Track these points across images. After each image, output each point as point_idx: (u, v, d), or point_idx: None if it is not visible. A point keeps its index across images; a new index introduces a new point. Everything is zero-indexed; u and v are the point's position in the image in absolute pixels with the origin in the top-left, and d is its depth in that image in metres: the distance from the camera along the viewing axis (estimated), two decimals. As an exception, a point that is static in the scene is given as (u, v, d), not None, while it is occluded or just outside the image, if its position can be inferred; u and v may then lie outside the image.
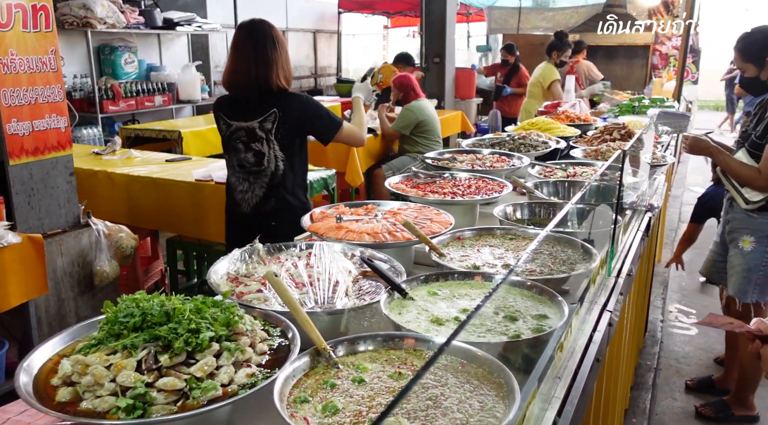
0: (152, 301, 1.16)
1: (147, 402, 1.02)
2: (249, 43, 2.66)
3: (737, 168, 2.81)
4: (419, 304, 1.48)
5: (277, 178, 2.74)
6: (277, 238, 2.27)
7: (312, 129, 2.78)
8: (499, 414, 1.05)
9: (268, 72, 2.64)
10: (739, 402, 3.09)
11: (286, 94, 2.72)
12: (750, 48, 2.77)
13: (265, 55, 2.64)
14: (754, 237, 2.85)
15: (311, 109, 2.74)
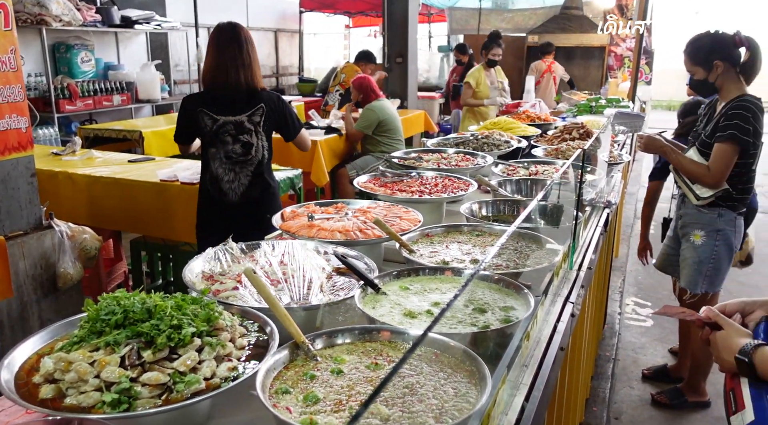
0: (133, 299, 1.18)
1: (132, 397, 1.04)
2: (234, 45, 2.87)
3: (688, 165, 2.95)
4: (392, 299, 1.53)
5: (262, 165, 3.00)
6: (263, 220, 2.68)
7: (283, 125, 3.05)
8: (472, 399, 1.10)
9: (252, 72, 2.90)
10: (692, 388, 3.25)
11: (266, 91, 3.00)
12: (698, 52, 2.90)
13: (249, 56, 2.90)
14: (704, 231, 3.00)
15: (287, 108, 3.04)
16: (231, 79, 2.87)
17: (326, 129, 5.64)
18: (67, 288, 3.04)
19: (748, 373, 1.27)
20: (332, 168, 5.57)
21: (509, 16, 11.96)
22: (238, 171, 2.93)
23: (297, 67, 13.60)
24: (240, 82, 2.87)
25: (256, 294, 1.51)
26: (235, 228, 2.74)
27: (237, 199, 2.96)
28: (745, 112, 2.74)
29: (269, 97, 2.96)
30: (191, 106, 2.93)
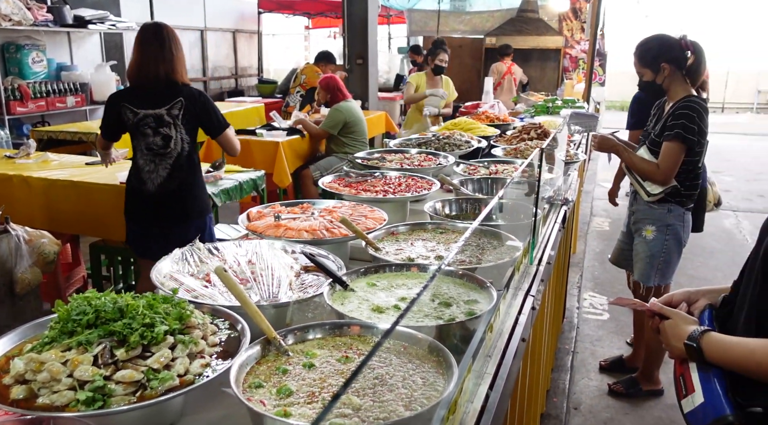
0: (104, 299, 1.19)
1: (106, 394, 1.05)
2: (156, 42, 3.01)
3: (639, 163, 3.08)
4: (360, 295, 1.57)
5: (181, 158, 3.07)
6: (180, 212, 3.07)
7: (206, 120, 3.14)
8: (440, 388, 1.15)
9: (173, 67, 3.02)
10: (646, 378, 3.38)
11: (188, 87, 3.10)
12: (647, 54, 3.03)
13: (171, 52, 3.03)
14: (655, 226, 3.13)
15: (208, 104, 3.15)
16: (151, 74, 2.99)
17: (288, 130, 5.64)
18: (25, 293, 2.98)
19: (696, 358, 1.35)
20: (295, 169, 5.57)
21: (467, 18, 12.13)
22: (158, 162, 3.04)
23: (256, 68, 13.50)
24: (160, 76, 2.99)
25: (225, 293, 1.53)
26: (153, 218, 3.12)
27: (155, 189, 3.06)
28: (690, 112, 2.88)
29: (189, 92, 3.06)
30: (115, 101, 3.06)
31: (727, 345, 1.30)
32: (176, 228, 3.12)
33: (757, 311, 1.29)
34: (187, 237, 3.08)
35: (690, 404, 1.35)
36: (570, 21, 11.21)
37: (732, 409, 1.24)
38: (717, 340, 1.32)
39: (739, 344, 1.28)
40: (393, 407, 1.08)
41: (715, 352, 1.31)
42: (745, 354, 1.25)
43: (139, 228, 3.19)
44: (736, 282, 1.49)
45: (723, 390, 1.28)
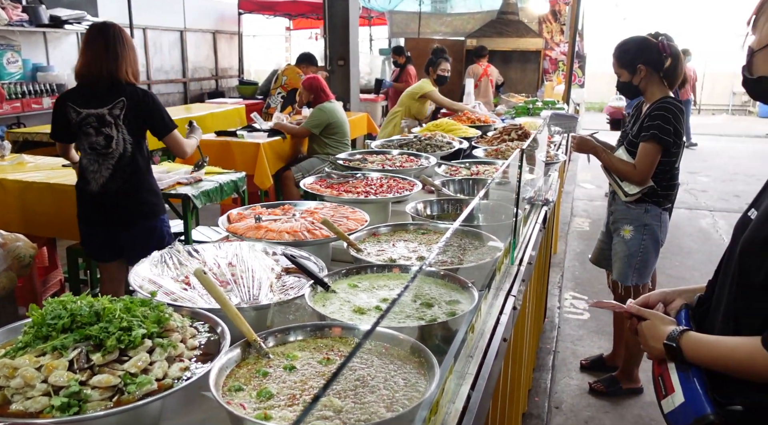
0: (80, 302, 1.17)
1: (82, 400, 1.03)
2: (100, 41, 2.98)
3: (616, 164, 3.12)
4: (341, 296, 1.56)
5: (124, 159, 3.04)
6: (125, 214, 3.07)
7: (150, 121, 3.10)
8: (421, 389, 1.15)
9: (117, 66, 2.98)
10: (626, 376, 3.41)
11: (133, 86, 3.05)
12: (624, 56, 3.07)
13: (115, 51, 2.98)
14: (632, 226, 3.17)
15: (153, 104, 3.10)
16: (94, 73, 2.97)
17: (269, 131, 5.61)
18: (3, 296, 2.92)
19: (676, 357, 1.36)
20: (276, 171, 5.54)
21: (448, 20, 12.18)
22: (101, 162, 3.01)
23: (237, 69, 13.42)
24: (102, 75, 2.96)
25: (205, 295, 1.51)
26: (98, 220, 3.13)
27: (98, 189, 3.04)
28: (666, 113, 2.92)
29: (133, 92, 3.01)
30: (61, 101, 3.04)
31: (706, 344, 1.31)
32: (123, 230, 3.09)
33: (735, 310, 1.30)
34: (136, 239, 3.11)
35: (670, 404, 1.36)
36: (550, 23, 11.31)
37: (713, 408, 1.26)
38: (696, 339, 1.33)
39: (718, 342, 1.29)
40: (374, 408, 1.07)
41: (694, 351, 1.33)
42: (726, 352, 1.26)
43: (87, 230, 3.18)
44: (711, 281, 1.51)
45: (703, 390, 1.30)
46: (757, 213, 1.31)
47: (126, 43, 3.03)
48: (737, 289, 1.29)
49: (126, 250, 3.15)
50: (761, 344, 1.18)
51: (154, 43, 10.61)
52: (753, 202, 1.38)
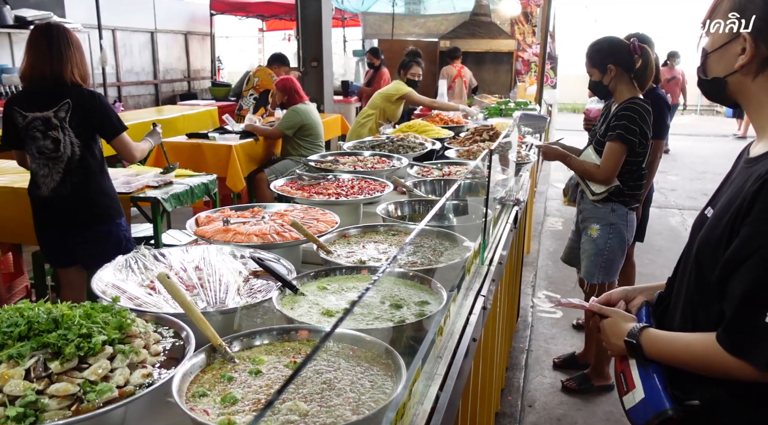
0: (37, 309, 1.14)
1: (39, 409, 1.00)
2: (44, 42, 2.91)
3: (582, 165, 3.16)
4: (310, 299, 1.55)
5: (73, 162, 2.97)
6: (77, 218, 3.01)
7: (97, 123, 3.01)
8: (388, 391, 1.14)
9: (62, 67, 2.91)
10: (598, 374, 3.46)
11: (80, 88, 2.97)
12: (595, 55, 3.11)
13: (60, 52, 2.91)
14: (599, 225, 3.21)
15: (100, 105, 3.00)
16: (38, 75, 2.92)
17: (241, 133, 5.56)
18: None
19: (636, 354, 1.37)
20: (249, 173, 5.49)
21: (422, 22, 12.22)
22: (51, 167, 2.95)
23: (209, 70, 13.28)
24: (46, 77, 2.90)
25: (170, 300, 1.49)
26: (51, 224, 3.08)
27: (49, 193, 2.99)
28: (632, 113, 2.96)
29: (79, 94, 2.94)
30: (8, 106, 2.96)
31: (665, 341, 1.33)
32: (76, 234, 3.04)
33: (693, 307, 1.32)
34: (90, 244, 3.06)
35: (631, 400, 1.38)
36: (522, 25, 11.41)
37: (672, 404, 1.27)
38: (655, 336, 1.35)
39: (676, 339, 1.32)
40: (340, 411, 1.07)
41: (654, 348, 1.34)
42: (683, 348, 1.29)
43: (42, 235, 3.12)
44: (670, 279, 1.53)
45: (662, 386, 1.31)
46: (712, 210, 1.33)
47: (72, 43, 2.96)
48: (694, 287, 1.31)
49: (80, 255, 3.09)
50: (716, 340, 1.20)
51: (124, 44, 10.45)
52: (710, 200, 1.41)
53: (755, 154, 1.29)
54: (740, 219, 1.18)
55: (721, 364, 1.20)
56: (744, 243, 1.16)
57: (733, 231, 1.20)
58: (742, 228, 1.18)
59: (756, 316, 1.14)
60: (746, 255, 1.15)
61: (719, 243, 1.22)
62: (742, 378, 1.20)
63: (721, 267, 1.20)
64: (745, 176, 1.26)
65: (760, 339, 1.14)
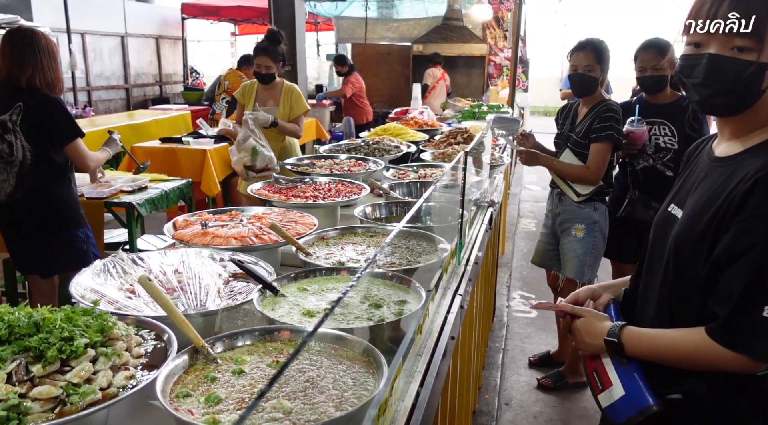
0: (18, 313, 1.13)
1: (21, 412, 1.00)
2: (8, 46, 2.92)
3: (568, 169, 3.20)
4: (290, 300, 1.57)
5: (25, 167, 2.93)
6: (32, 225, 2.99)
7: (50, 128, 2.95)
8: (370, 387, 1.17)
9: (20, 72, 2.89)
10: (572, 371, 3.52)
11: (37, 92, 2.93)
12: (605, 53, 3.14)
13: (21, 57, 2.90)
14: (584, 224, 3.27)
15: (53, 110, 2.93)
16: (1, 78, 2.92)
17: (216, 138, 5.53)
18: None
19: (617, 352, 1.39)
20: (224, 177, 5.46)
21: (395, 26, 12.29)
22: (8, 171, 2.93)
23: (182, 75, 13.17)
24: (2, 80, 2.91)
25: (150, 303, 1.49)
26: (7, 230, 3.06)
27: (5, 198, 2.96)
28: (615, 114, 3.05)
29: (34, 98, 2.91)
30: None
31: (647, 338, 1.36)
32: (30, 241, 3.01)
33: (670, 303, 1.36)
34: (46, 252, 3.00)
35: (609, 398, 1.40)
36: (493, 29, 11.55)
37: (655, 399, 1.31)
38: (636, 333, 1.38)
39: (658, 335, 1.35)
40: (324, 408, 1.09)
41: (635, 345, 1.37)
42: (669, 344, 1.31)
43: (5, 241, 3.10)
44: (634, 276, 1.57)
45: (643, 382, 1.34)
46: (679, 208, 1.37)
47: (39, 48, 2.92)
48: (671, 283, 1.35)
49: (34, 263, 3.05)
50: (706, 334, 1.24)
51: (93, 48, 10.31)
52: (672, 198, 1.45)
53: (724, 154, 1.34)
54: (729, 216, 1.21)
55: (711, 358, 1.23)
56: (738, 239, 1.19)
57: (720, 228, 1.23)
58: (732, 226, 1.21)
59: (754, 310, 1.17)
60: (741, 251, 1.18)
61: (701, 240, 1.25)
62: (734, 370, 1.23)
63: (711, 263, 1.23)
64: (720, 175, 1.29)
65: (758, 331, 1.17)
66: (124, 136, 7.04)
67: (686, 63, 1.29)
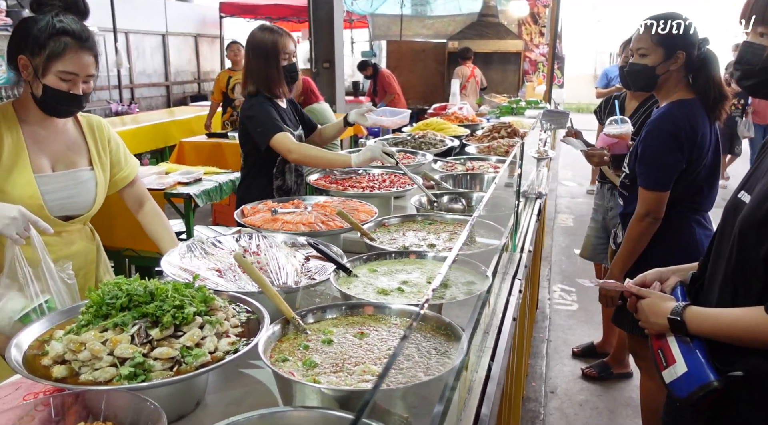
0: (134, 283, 1.25)
1: (146, 370, 1.12)
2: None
3: None
4: (363, 280, 1.66)
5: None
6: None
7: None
8: (452, 356, 1.26)
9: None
10: (618, 362, 3.56)
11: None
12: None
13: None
14: None
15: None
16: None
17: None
18: None
19: (680, 330, 1.46)
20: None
21: (429, 23, 12.35)
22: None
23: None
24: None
25: (235, 282, 1.61)
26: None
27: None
28: None
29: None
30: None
31: (709, 316, 1.42)
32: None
33: (734, 284, 1.42)
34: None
35: (672, 374, 1.46)
36: (529, 25, 11.53)
37: (716, 375, 1.36)
38: (698, 312, 1.44)
39: (721, 314, 1.41)
40: (413, 373, 1.18)
41: (698, 323, 1.43)
42: (730, 322, 1.37)
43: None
44: (703, 260, 1.63)
45: (705, 359, 1.40)
46: (748, 194, 1.43)
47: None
48: (736, 265, 1.40)
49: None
50: (765, 312, 1.30)
51: (136, 47, 10.61)
52: (742, 185, 1.51)
53: None
54: None
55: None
56: None
57: None
58: None
59: None
60: None
61: (764, 224, 1.32)
62: None
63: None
64: None
65: None
66: (170, 132, 7.28)
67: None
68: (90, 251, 2.05)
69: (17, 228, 1.59)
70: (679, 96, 2.36)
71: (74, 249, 1.96)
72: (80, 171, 1.96)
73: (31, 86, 1.80)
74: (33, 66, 1.77)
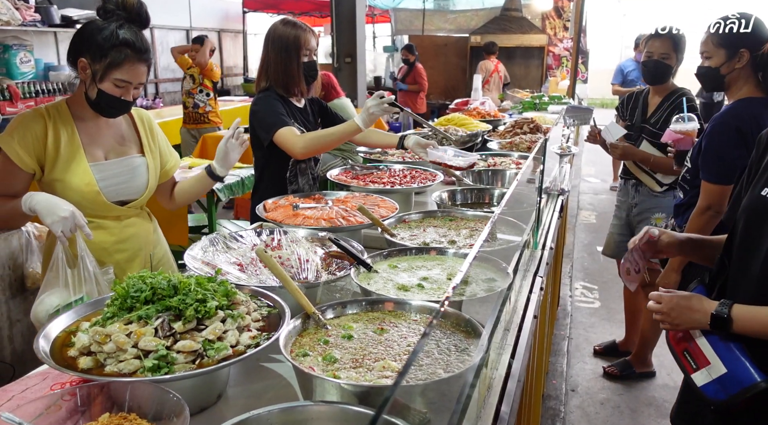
0: (158, 277, 1.27)
1: (169, 362, 1.14)
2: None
3: (659, 160, 3.15)
4: (383, 276, 1.67)
5: None
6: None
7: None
8: (472, 353, 1.25)
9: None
10: (640, 361, 3.52)
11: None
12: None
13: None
14: (664, 214, 3.25)
15: None
16: None
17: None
18: (36, 288, 3.02)
19: (723, 328, 1.37)
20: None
21: (452, 17, 12.27)
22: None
23: (242, 67, 13.51)
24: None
25: (256, 276, 1.62)
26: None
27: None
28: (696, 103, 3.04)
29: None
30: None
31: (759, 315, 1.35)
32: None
33: None
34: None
35: (706, 377, 1.40)
36: (553, 20, 11.40)
37: (762, 376, 1.31)
38: (749, 309, 1.37)
39: None
40: (432, 369, 1.18)
41: (747, 320, 1.35)
42: None
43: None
44: (720, 262, 1.56)
45: (747, 360, 1.34)
46: None
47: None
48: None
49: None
50: None
51: (161, 42, 10.71)
52: (764, 182, 1.45)
53: None
54: None
55: None
56: None
57: None
58: None
59: None
60: None
61: None
62: None
63: None
64: None
65: None
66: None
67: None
68: (148, 233, 2.17)
69: (64, 227, 1.68)
70: (747, 93, 2.37)
71: (132, 232, 2.09)
72: (132, 158, 2.06)
73: (87, 87, 1.90)
74: (92, 70, 1.87)
